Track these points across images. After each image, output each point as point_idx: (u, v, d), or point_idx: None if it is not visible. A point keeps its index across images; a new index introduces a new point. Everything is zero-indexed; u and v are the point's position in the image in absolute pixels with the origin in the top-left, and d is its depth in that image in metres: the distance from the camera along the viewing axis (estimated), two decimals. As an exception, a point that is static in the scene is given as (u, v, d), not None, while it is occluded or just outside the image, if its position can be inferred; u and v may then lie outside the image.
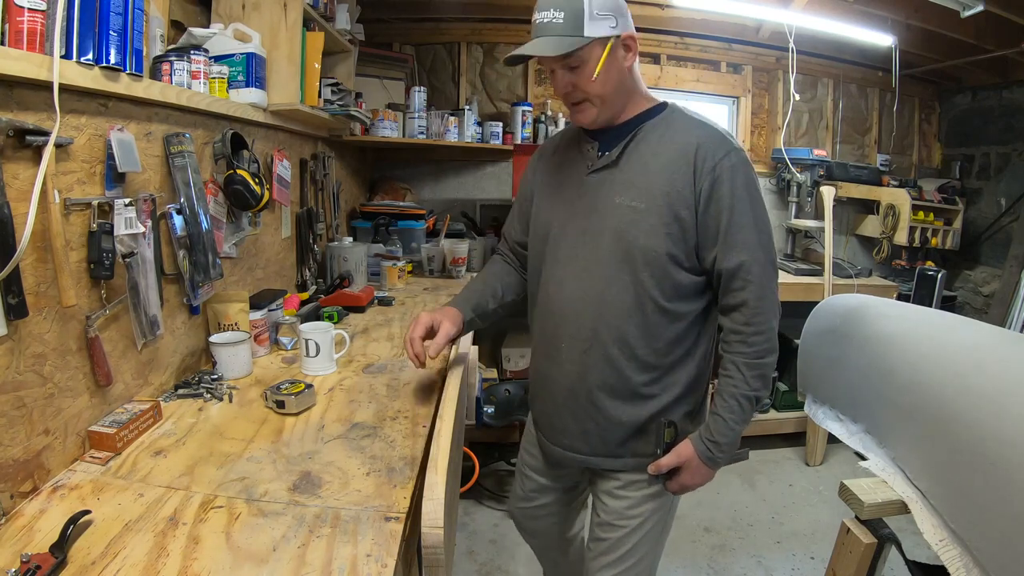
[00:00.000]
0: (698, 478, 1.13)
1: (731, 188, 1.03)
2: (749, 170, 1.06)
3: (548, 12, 1.01)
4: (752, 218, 1.04)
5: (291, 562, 0.80)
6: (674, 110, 1.14)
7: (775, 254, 1.09)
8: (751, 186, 1.05)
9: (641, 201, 1.07)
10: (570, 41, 1.01)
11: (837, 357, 1.32)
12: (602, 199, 1.11)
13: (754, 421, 2.97)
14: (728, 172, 1.03)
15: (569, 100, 1.11)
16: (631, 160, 1.10)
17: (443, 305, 1.30)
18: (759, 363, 1.07)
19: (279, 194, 1.89)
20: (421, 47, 3.20)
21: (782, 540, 2.32)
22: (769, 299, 1.07)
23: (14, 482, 0.89)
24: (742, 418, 1.08)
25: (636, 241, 1.07)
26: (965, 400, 0.96)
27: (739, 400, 1.07)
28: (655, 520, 1.22)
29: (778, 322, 1.09)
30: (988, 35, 2.77)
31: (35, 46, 0.88)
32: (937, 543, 0.96)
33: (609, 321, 1.11)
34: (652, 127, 1.11)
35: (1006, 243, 3.08)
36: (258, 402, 1.30)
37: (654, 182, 1.07)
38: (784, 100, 3.32)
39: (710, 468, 1.12)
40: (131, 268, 1.14)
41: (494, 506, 2.49)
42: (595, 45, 1.03)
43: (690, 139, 1.06)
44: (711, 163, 1.03)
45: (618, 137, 1.12)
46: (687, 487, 1.15)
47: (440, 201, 3.29)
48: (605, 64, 1.04)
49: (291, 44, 1.68)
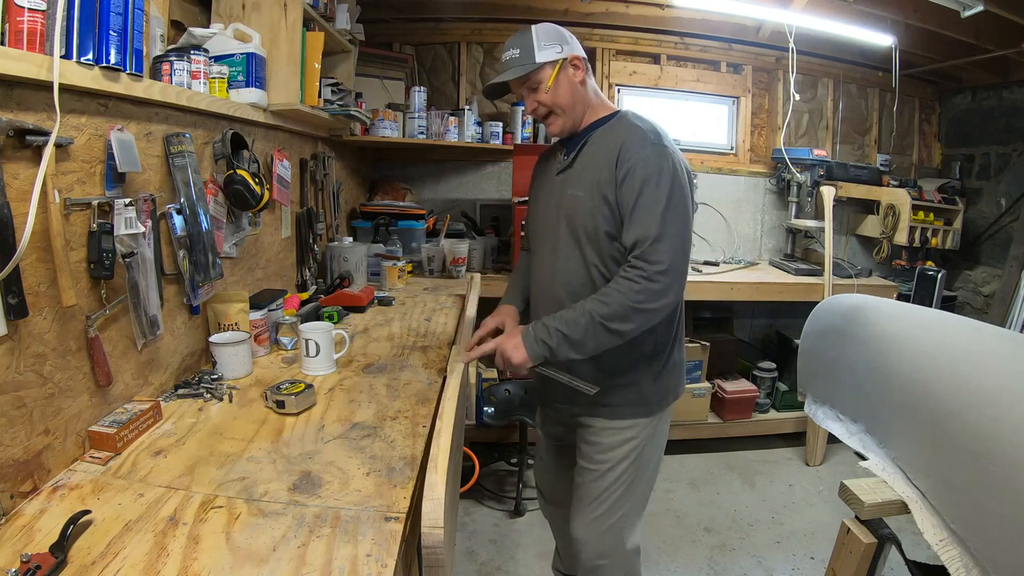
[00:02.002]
0: (509, 346, 1.26)
1: (642, 175, 1.20)
2: (663, 161, 1.21)
3: (509, 51, 1.31)
4: (656, 199, 1.19)
5: (291, 562, 0.80)
6: (622, 116, 1.33)
7: (682, 232, 1.21)
8: (662, 174, 1.20)
9: (582, 190, 1.29)
10: (525, 67, 1.28)
11: (837, 357, 1.32)
12: (563, 193, 1.34)
13: (754, 421, 2.98)
14: (641, 162, 1.21)
15: (537, 116, 1.36)
16: (581, 159, 1.33)
17: (498, 307, 1.51)
18: (626, 308, 1.19)
19: (279, 194, 1.89)
20: (421, 47, 3.20)
21: (782, 540, 2.32)
22: (662, 271, 1.18)
23: (14, 482, 0.89)
24: (580, 326, 1.20)
25: (579, 222, 1.29)
26: (965, 400, 0.96)
27: (592, 315, 1.20)
28: (624, 468, 1.38)
29: (670, 299, 1.21)
30: (988, 35, 2.77)
31: (35, 46, 0.88)
32: (937, 543, 0.96)
33: (569, 290, 1.33)
34: (601, 132, 1.32)
35: (1006, 243, 3.08)
36: (258, 402, 1.30)
37: (592, 174, 1.28)
38: (784, 100, 3.32)
39: (525, 345, 1.24)
40: (131, 268, 1.14)
41: (494, 506, 2.49)
42: (545, 67, 1.29)
43: (619, 137, 1.26)
44: (628, 155, 1.22)
45: (577, 142, 1.35)
46: (502, 349, 1.28)
47: (440, 201, 3.29)
48: (556, 80, 1.29)
49: (291, 44, 1.68)
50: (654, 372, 1.36)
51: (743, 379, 3.04)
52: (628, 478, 1.39)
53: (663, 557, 2.19)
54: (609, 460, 1.38)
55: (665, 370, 1.38)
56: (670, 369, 1.39)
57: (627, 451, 1.38)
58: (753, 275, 2.98)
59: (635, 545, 1.46)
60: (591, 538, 1.43)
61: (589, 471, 1.41)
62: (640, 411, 1.37)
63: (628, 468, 1.39)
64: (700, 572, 2.13)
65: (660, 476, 2.72)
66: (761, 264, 3.31)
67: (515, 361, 1.25)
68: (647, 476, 1.44)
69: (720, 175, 3.38)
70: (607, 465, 1.39)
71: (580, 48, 1.33)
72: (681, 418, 2.87)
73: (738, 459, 2.94)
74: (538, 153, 1.56)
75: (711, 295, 2.81)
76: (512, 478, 2.65)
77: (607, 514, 1.40)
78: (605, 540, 1.42)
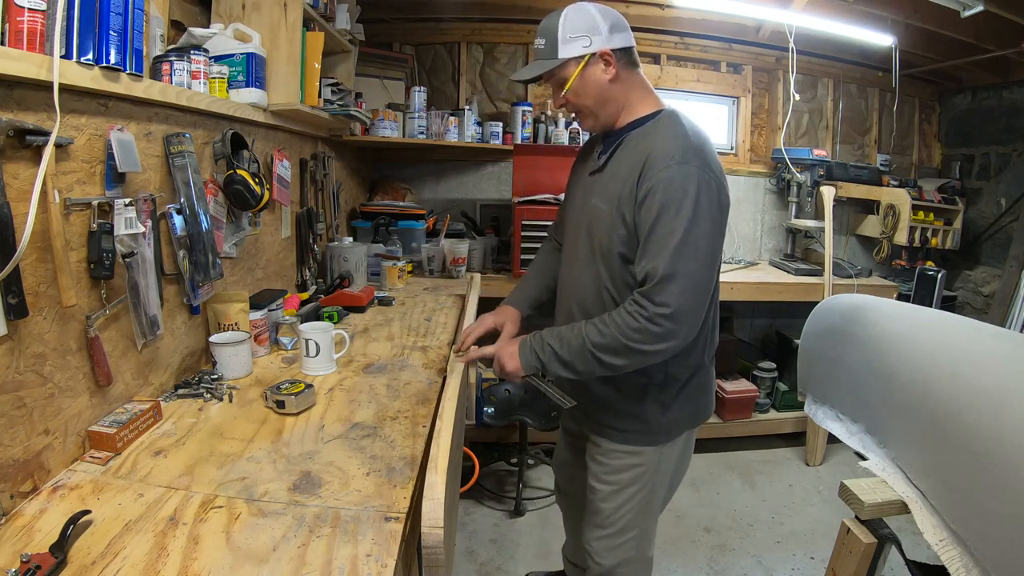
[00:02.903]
0: (506, 354, 1.23)
1: (661, 199, 1.06)
2: (688, 184, 1.06)
3: (538, 39, 1.20)
4: (672, 230, 1.05)
5: (291, 562, 0.80)
6: (661, 119, 1.18)
7: (697, 272, 1.07)
8: (684, 201, 1.05)
9: (604, 202, 1.19)
10: (545, 64, 1.17)
11: (837, 357, 1.32)
12: (589, 200, 1.25)
13: (754, 421, 2.98)
14: (663, 184, 1.06)
15: (567, 112, 1.29)
16: (611, 166, 1.22)
17: (502, 304, 1.45)
18: (619, 344, 1.09)
19: (279, 194, 1.89)
20: (421, 47, 3.20)
21: (782, 540, 2.32)
22: (665, 315, 1.06)
23: (14, 482, 0.89)
24: (573, 348, 1.14)
25: (597, 236, 1.21)
26: (965, 400, 0.96)
27: (586, 339, 1.13)
28: (634, 492, 1.33)
29: (670, 345, 1.09)
30: (988, 35, 2.77)
31: (35, 46, 0.88)
32: (937, 543, 0.96)
33: (581, 304, 1.28)
34: (636, 135, 1.20)
35: (1006, 243, 3.07)
36: (258, 402, 1.30)
37: (616, 186, 1.17)
38: (784, 100, 3.32)
39: (520, 355, 1.21)
40: (131, 268, 1.14)
41: (494, 506, 2.49)
42: (569, 64, 1.16)
43: (649, 148, 1.12)
44: (652, 172, 1.08)
45: (612, 142, 1.24)
46: (499, 356, 1.24)
47: (440, 201, 3.29)
48: (578, 80, 1.16)
49: (291, 44, 1.68)
50: (662, 403, 1.26)
51: (743, 379, 3.04)
52: (639, 503, 1.33)
53: (663, 557, 2.19)
54: (617, 483, 1.33)
55: (677, 402, 1.27)
56: (684, 400, 1.28)
57: (634, 476, 1.31)
58: (753, 275, 2.98)
59: (648, 555, 1.43)
60: (603, 552, 1.38)
61: (598, 490, 1.36)
62: (645, 439, 1.29)
63: (638, 492, 1.33)
64: (700, 572, 2.13)
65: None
66: (761, 264, 3.31)
67: (508, 369, 1.23)
68: (661, 496, 1.39)
69: (720, 175, 3.39)
70: (614, 487, 1.34)
71: (622, 37, 1.16)
72: (681, 418, 2.86)
73: (738, 459, 2.94)
74: (537, 153, 1.52)
75: (711, 295, 2.80)
76: (512, 478, 2.65)
77: (619, 534, 1.36)
78: (617, 554, 1.38)
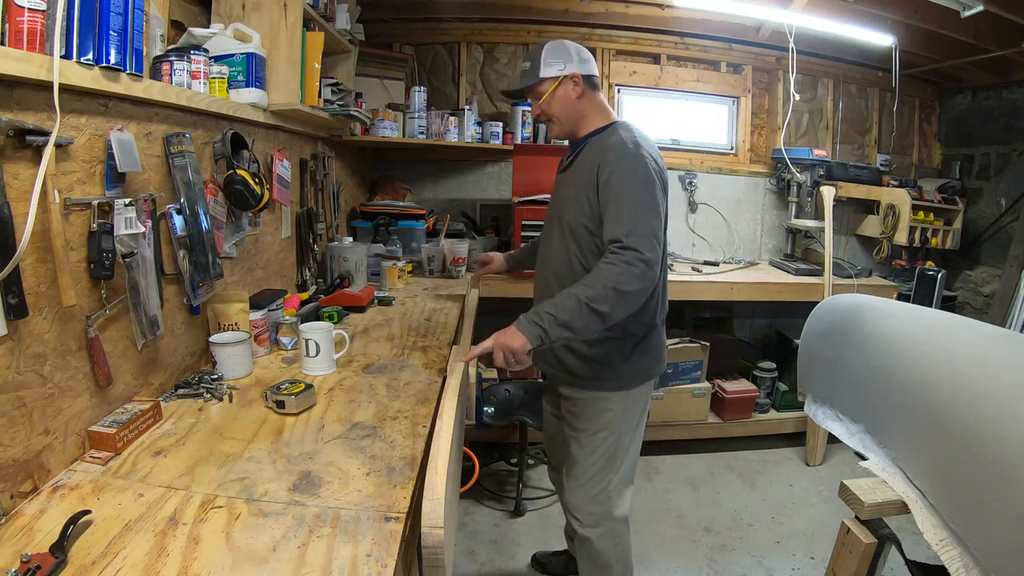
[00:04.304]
0: (506, 337, 1.32)
1: (618, 179, 1.38)
2: (637, 166, 1.38)
3: (523, 62, 1.57)
4: (629, 199, 1.36)
5: (291, 562, 0.80)
6: (615, 129, 1.49)
7: (654, 229, 1.34)
8: (635, 179, 1.37)
9: (572, 189, 1.51)
10: (528, 79, 1.53)
11: (837, 357, 1.32)
12: (561, 190, 1.59)
13: (754, 421, 2.98)
14: (618, 168, 1.38)
15: (539, 121, 1.64)
16: (576, 164, 1.54)
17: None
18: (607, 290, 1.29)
19: (279, 194, 1.89)
20: (421, 47, 3.20)
21: (782, 540, 2.32)
22: (641, 258, 1.30)
23: (14, 482, 0.90)
24: (568, 308, 1.29)
25: (566, 218, 1.52)
26: (965, 400, 0.96)
27: (578, 297, 1.29)
28: (604, 438, 1.57)
29: (645, 285, 1.31)
30: (988, 35, 2.77)
31: (35, 46, 0.88)
32: (937, 543, 0.96)
33: (556, 273, 1.56)
34: (595, 140, 1.51)
35: (1006, 243, 3.07)
36: (258, 402, 1.30)
37: (581, 176, 1.48)
38: (784, 100, 3.32)
39: (517, 331, 1.31)
40: (131, 268, 1.14)
41: (494, 506, 2.49)
42: (546, 82, 1.51)
43: (605, 146, 1.44)
44: (609, 160, 1.40)
45: (577, 147, 1.57)
46: (500, 342, 1.32)
47: (440, 201, 3.29)
48: (551, 95, 1.51)
49: (291, 44, 1.68)
50: (623, 354, 1.54)
51: (743, 379, 3.04)
52: (609, 449, 1.57)
53: (663, 557, 2.19)
54: (588, 428, 1.58)
55: (635, 354, 1.54)
56: (641, 353, 1.55)
57: (604, 422, 1.56)
58: (753, 275, 2.98)
59: (623, 514, 1.63)
60: (580, 504, 1.61)
61: (573, 439, 1.62)
62: (613, 385, 1.55)
63: (607, 438, 1.57)
64: (700, 572, 2.13)
65: (660, 476, 2.71)
66: (761, 264, 3.31)
67: (515, 346, 1.29)
68: (627, 447, 1.60)
69: (720, 175, 3.39)
70: (587, 433, 1.58)
71: (588, 67, 1.51)
72: (681, 418, 2.86)
73: (738, 459, 2.94)
74: (537, 153, 1.69)
75: (711, 295, 2.81)
76: (512, 478, 2.65)
77: (592, 483, 1.59)
78: (594, 508, 1.60)
